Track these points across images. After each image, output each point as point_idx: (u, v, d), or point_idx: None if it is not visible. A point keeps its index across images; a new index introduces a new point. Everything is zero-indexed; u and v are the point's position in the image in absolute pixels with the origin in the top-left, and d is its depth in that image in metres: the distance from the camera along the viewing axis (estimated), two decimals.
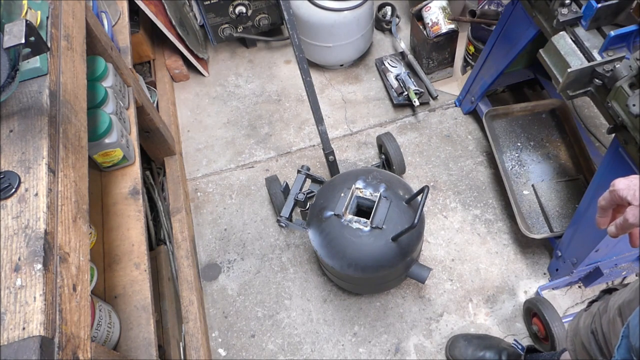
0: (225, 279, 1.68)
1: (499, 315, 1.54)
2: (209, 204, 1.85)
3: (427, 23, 1.90)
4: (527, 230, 1.49)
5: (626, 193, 0.76)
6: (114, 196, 1.32)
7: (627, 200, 0.77)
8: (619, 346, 0.71)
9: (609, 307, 0.88)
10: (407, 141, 1.92)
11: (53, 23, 0.95)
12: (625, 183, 0.77)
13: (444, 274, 1.62)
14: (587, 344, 0.92)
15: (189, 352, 1.42)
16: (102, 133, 1.21)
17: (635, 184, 0.76)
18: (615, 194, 0.78)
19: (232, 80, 2.19)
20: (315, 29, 1.94)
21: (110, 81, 1.34)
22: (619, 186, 0.77)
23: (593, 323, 0.91)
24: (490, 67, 1.64)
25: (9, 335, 0.63)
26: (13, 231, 0.71)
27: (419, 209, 1.19)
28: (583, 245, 1.32)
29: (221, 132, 2.04)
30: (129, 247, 1.23)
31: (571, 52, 1.09)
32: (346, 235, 1.29)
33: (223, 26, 2.09)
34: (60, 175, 0.80)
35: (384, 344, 1.52)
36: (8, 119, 0.82)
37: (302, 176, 1.56)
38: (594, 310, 0.93)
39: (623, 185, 0.77)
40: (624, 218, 0.77)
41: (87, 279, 0.79)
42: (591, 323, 0.91)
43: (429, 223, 1.72)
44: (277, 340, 1.56)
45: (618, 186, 0.78)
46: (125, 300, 1.16)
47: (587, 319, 0.94)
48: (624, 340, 0.71)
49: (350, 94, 2.09)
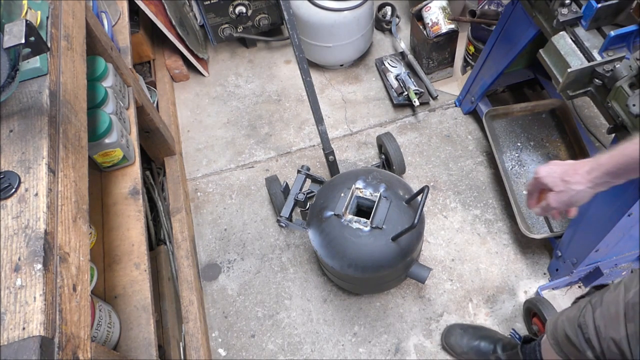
0: (225, 279, 1.68)
1: (499, 315, 1.54)
2: (209, 204, 1.85)
3: (427, 23, 1.90)
4: (527, 230, 1.49)
5: (547, 180, 0.87)
6: (114, 196, 1.32)
7: (548, 186, 0.87)
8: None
9: (604, 301, 0.88)
10: (407, 141, 1.92)
11: (53, 23, 0.95)
12: (546, 170, 0.88)
13: (444, 274, 1.62)
14: (573, 336, 0.92)
15: (189, 352, 1.42)
16: (102, 133, 1.21)
17: (555, 171, 0.86)
18: (539, 181, 0.89)
19: (232, 80, 2.19)
20: (315, 29, 1.94)
21: (110, 81, 1.34)
22: (541, 174, 0.88)
23: (582, 317, 0.91)
24: (490, 67, 1.64)
25: (9, 335, 0.63)
26: (13, 231, 0.71)
27: (419, 209, 1.19)
28: (583, 245, 1.32)
29: (221, 132, 2.04)
30: (129, 247, 1.23)
31: (571, 52, 1.09)
32: (346, 235, 1.29)
33: (223, 26, 2.09)
34: (60, 175, 0.80)
35: (384, 344, 1.52)
36: (8, 119, 0.82)
37: (302, 176, 1.56)
38: (582, 305, 0.94)
39: (544, 172, 0.88)
40: (547, 202, 0.89)
41: (87, 279, 0.79)
42: (579, 317, 0.92)
43: (429, 223, 1.72)
44: (277, 340, 1.56)
45: (540, 174, 0.88)
46: (125, 300, 1.16)
47: (572, 312, 0.95)
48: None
49: (350, 94, 2.09)
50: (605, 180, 0.80)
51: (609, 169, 0.78)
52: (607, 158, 0.79)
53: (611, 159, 0.78)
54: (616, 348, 0.83)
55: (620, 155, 0.76)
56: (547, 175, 0.87)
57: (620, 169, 0.77)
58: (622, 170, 0.77)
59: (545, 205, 0.89)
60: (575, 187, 0.83)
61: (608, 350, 0.85)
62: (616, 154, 0.77)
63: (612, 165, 0.78)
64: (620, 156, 0.76)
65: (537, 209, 0.93)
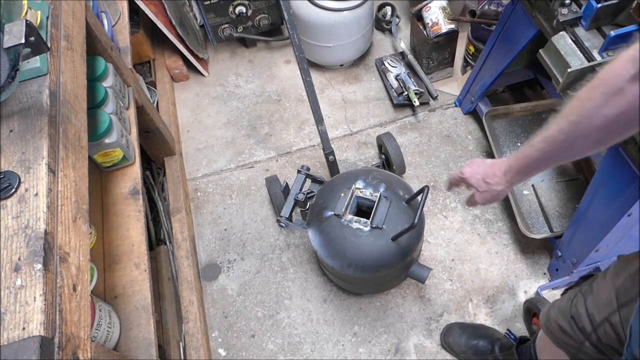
0: (225, 279, 1.68)
1: (499, 315, 1.54)
2: (209, 204, 1.85)
3: (427, 23, 1.90)
4: (527, 230, 1.49)
5: (472, 181, 0.99)
6: (114, 196, 1.32)
7: (474, 187, 1.00)
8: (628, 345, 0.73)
9: (594, 289, 0.90)
10: (407, 141, 1.92)
11: (53, 23, 0.95)
12: (469, 172, 0.99)
13: (444, 274, 1.62)
14: (567, 327, 0.93)
15: (189, 352, 1.42)
16: (102, 133, 1.21)
17: (478, 172, 0.97)
18: (465, 181, 1.01)
19: (232, 80, 2.19)
20: (315, 29, 1.94)
21: (110, 81, 1.34)
22: (466, 174, 1.00)
23: (573, 307, 0.93)
24: (490, 67, 1.64)
25: (9, 335, 0.63)
26: (13, 231, 0.71)
27: (419, 209, 1.19)
28: (583, 245, 1.32)
29: (221, 132, 2.04)
30: (129, 247, 1.23)
31: (571, 52, 1.09)
32: (346, 235, 1.29)
33: (223, 26, 2.09)
34: (60, 175, 0.80)
35: (384, 344, 1.52)
36: (8, 119, 0.82)
37: (302, 176, 1.56)
38: (571, 296, 0.95)
39: (468, 173, 1.00)
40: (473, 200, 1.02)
41: (87, 279, 0.79)
42: (570, 307, 0.93)
43: (429, 223, 1.72)
44: (277, 340, 1.56)
45: (465, 174, 1.00)
46: (125, 300, 1.16)
47: (563, 303, 0.97)
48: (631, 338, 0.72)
49: (350, 94, 2.09)
50: (518, 178, 0.91)
51: (519, 170, 0.89)
52: (514, 160, 0.89)
53: (517, 161, 0.88)
54: (613, 332, 0.83)
55: (523, 157, 0.86)
56: (471, 177, 0.99)
57: (528, 169, 0.87)
58: (529, 169, 0.87)
59: (471, 201, 1.03)
60: (496, 188, 0.95)
61: (605, 336, 0.85)
62: (520, 156, 0.87)
63: (519, 166, 0.88)
64: (523, 158, 0.86)
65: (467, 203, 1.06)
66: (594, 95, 0.68)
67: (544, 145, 0.80)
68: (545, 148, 0.80)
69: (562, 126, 0.75)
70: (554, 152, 0.79)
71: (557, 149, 0.78)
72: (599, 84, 0.67)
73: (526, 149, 0.85)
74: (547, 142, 0.79)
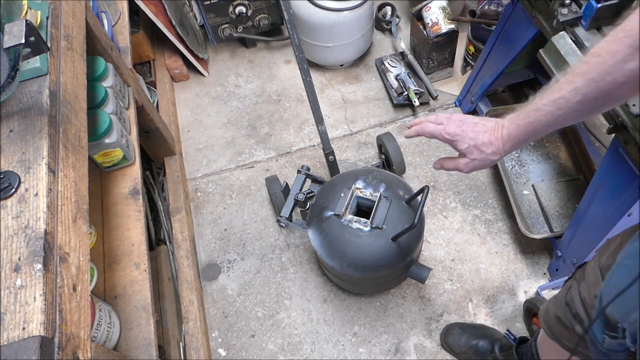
0: (225, 279, 1.68)
1: (499, 315, 1.54)
2: (209, 204, 1.85)
3: (427, 23, 1.90)
4: (527, 230, 1.49)
5: (460, 145, 0.86)
6: (114, 196, 1.32)
7: (462, 152, 0.87)
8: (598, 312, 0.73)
9: (586, 273, 0.88)
10: (407, 141, 1.92)
11: (53, 23, 0.95)
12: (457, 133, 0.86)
13: (444, 274, 1.62)
14: (563, 316, 0.93)
15: (189, 352, 1.42)
16: (102, 133, 1.21)
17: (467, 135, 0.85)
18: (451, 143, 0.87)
19: (232, 80, 2.19)
20: (315, 29, 1.94)
21: (110, 81, 1.34)
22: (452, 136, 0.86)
23: (568, 294, 0.92)
24: (490, 67, 1.64)
25: (9, 335, 0.63)
26: (13, 231, 0.71)
27: (419, 209, 1.19)
28: (583, 245, 1.32)
29: (221, 132, 2.04)
30: (129, 247, 1.23)
31: (571, 52, 1.09)
32: (346, 235, 1.29)
33: (223, 26, 2.09)
34: (60, 175, 0.80)
35: (384, 344, 1.52)
36: (8, 119, 0.82)
37: (302, 176, 1.56)
38: (568, 285, 0.94)
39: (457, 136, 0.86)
40: (457, 167, 0.89)
41: (87, 279, 0.79)
42: (566, 295, 0.92)
43: (429, 223, 1.72)
44: (277, 340, 1.56)
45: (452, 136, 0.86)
46: (125, 300, 1.16)
47: (560, 293, 0.96)
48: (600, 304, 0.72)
49: (350, 94, 2.09)
50: (518, 146, 0.83)
51: (520, 138, 0.80)
52: (516, 128, 0.80)
53: (519, 128, 0.79)
54: None
55: (528, 124, 0.77)
56: (460, 140, 0.87)
57: (530, 135, 0.79)
58: (531, 136, 0.79)
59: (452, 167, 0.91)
60: (492, 158, 0.85)
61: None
62: (523, 122, 0.78)
63: (522, 134, 0.79)
64: (527, 125, 0.77)
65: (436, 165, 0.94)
66: (618, 49, 0.62)
67: (554, 108, 0.72)
68: (556, 112, 0.72)
69: (578, 85, 0.67)
70: (566, 114, 0.71)
71: (570, 111, 0.70)
72: (623, 36, 0.61)
73: (531, 114, 0.76)
74: (558, 104, 0.71)
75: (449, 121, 0.89)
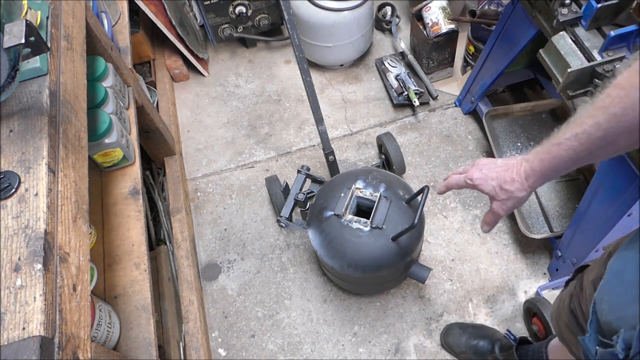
0: (225, 279, 1.68)
1: (499, 315, 1.54)
2: (209, 204, 1.85)
3: (427, 23, 1.90)
4: (527, 230, 1.49)
5: (486, 188, 0.85)
6: (114, 196, 1.32)
7: (490, 195, 0.86)
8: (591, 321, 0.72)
9: (583, 285, 0.87)
10: (407, 141, 1.92)
11: (53, 23, 0.95)
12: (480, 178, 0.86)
13: (444, 274, 1.62)
14: (570, 324, 0.92)
15: (189, 352, 1.42)
16: (102, 133, 1.21)
17: (491, 177, 0.84)
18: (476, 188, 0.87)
19: (232, 80, 2.19)
20: (315, 29, 1.94)
21: (110, 81, 1.34)
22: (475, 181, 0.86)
23: (572, 302, 0.90)
24: (490, 67, 1.64)
25: (9, 335, 0.63)
26: (13, 231, 0.71)
27: (419, 209, 1.19)
28: (583, 245, 1.32)
29: (221, 132, 2.04)
30: (129, 247, 1.23)
31: (571, 52, 1.09)
32: (346, 235, 1.29)
33: (223, 26, 2.09)
34: (60, 175, 0.80)
35: (384, 344, 1.52)
36: (8, 119, 0.82)
37: (302, 176, 1.56)
38: (571, 290, 0.93)
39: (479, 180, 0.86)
40: (494, 213, 0.88)
41: (87, 279, 0.79)
42: (570, 303, 0.91)
43: (429, 223, 1.72)
44: (277, 340, 1.56)
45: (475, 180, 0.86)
46: (125, 300, 1.16)
47: (566, 299, 0.94)
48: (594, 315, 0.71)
49: (350, 94, 2.09)
50: (542, 182, 0.80)
51: (544, 173, 0.78)
52: (538, 162, 0.77)
53: (542, 163, 0.77)
54: None
55: (550, 159, 0.75)
56: (483, 184, 0.86)
57: (553, 171, 0.76)
58: (555, 171, 0.76)
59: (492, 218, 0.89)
60: (518, 195, 0.83)
61: None
62: (545, 157, 0.76)
63: (545, 169, 0.77)
64: (549, 160, 0.75)
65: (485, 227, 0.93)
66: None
67: (576, 143, 0.68)
68: (578, 147, 0.68)
69: (599, 120, 0.63)
70: (588, 150, 0.68)
71: (593, 147, 0.67)
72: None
73: (552, 148, 0.73)
74: (580, 140, 0.67)
75: (471, 168, 0.89)
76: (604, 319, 0.68)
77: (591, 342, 0.71)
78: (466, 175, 0.89)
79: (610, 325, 0.67)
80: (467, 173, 0.89)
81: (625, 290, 0.66)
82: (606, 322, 0.68)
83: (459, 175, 0.91)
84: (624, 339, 0.63)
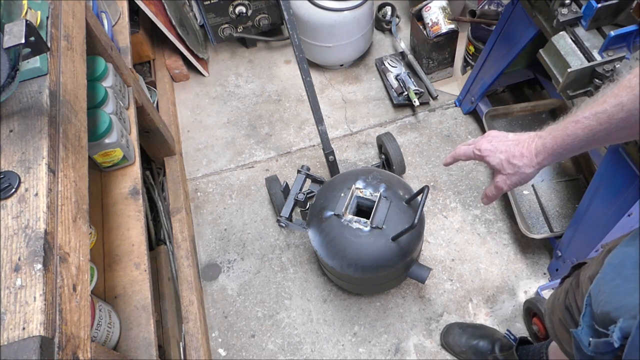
0: (225, 279, 1.68)
1: (499, 315, 1.54)
2: (209, 204, 1.85)
3: (427, 23, 1.90)
4: (527, 230, 1.49)
5: (493, 161, 0.83)
6: (114, 196, 1.32)
7: (496, 169, 0.84)
8: (584, 314, 0.72)
9: (580, 281, 0.87)
10: (407, 141, 1.92)
11: (53, 23, 0.95)
12: (489, 149, 0.83)
13: (444, 274, 1.62)
14: (564, 320, 0.92)
15: (189, 352, 1.42)
16: (102, 133, 1.21)
17: (500, 150, 0.82)
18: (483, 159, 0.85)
19: (232, 80, 2.19)
20: (315, 29, 1.94)
21: (110, 81, 1.34)
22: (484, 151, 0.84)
23: (567, 299, 0.90)
24: (490, 67, 1.64)
25: (9, 335, 0.63)
26: (13, 231, 0.71)
27: (419, 209, 1.19)
28: (583, 245, 1.32)
29: (221, 132, 2.04)
30: (129, 247, 1.23)
31: (571, 52, 1.09)
32: (346, 235, 1.29)
33: (223, 26, 2.09)
34: (60, 175, 0.80)
35: (384, 344, 1.52)
36: (8, 119, 0.82)
37: (302, 176, 1.56)
38: (566, 287, 0.92)
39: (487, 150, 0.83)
40: (497, 186, 0.85)
41: (87, 279, 0.79)
42: (565, 299, 0.91)
43: (429, 223, 1.72)
44: (277, 340, 1.56)
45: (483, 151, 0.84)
46: (125, 300, 1.16)
47: (561, 296, 0.94)
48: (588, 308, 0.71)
49: (350, 94, 2.09)
50: (552, 160, 0.78)
51: (555, 150, 0.75)
52: (551, 139, 0.75)
53: (555, 140, 0.74)
54: None
55: (564, 136, 0.72)
56: (491, 155, 0.84)
57: (566, 149, 0.74)
58: (567, 150, 0.74)
59: (494, 191, 0.87)
60: (525, 171, 0.81)
61: None
62: (560, 134, 0.73)
63: (558, 146, 0.75)
64: (564, 137, 0.72)
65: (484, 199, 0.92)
66: None
67: (595, 122, 0.66)
68: (596, 127, 0.66)
69: (623, 100, 0.61)
70: (607, 131, 0.65)
71: (612, 128, 0.64)
72: None
73: (569, 126, 0.70)
74: (599, 119, 0.65)
75: (481, 138, 0.87)
76: (601, 310, 0.68)
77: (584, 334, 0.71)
78: (475, 145, 0.86)
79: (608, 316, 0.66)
80: (476, 144, 0.87)
81: (624, 282, 0.66)
82: (603, 312, 0.67)
83: (467, 146, 0.88)
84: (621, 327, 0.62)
